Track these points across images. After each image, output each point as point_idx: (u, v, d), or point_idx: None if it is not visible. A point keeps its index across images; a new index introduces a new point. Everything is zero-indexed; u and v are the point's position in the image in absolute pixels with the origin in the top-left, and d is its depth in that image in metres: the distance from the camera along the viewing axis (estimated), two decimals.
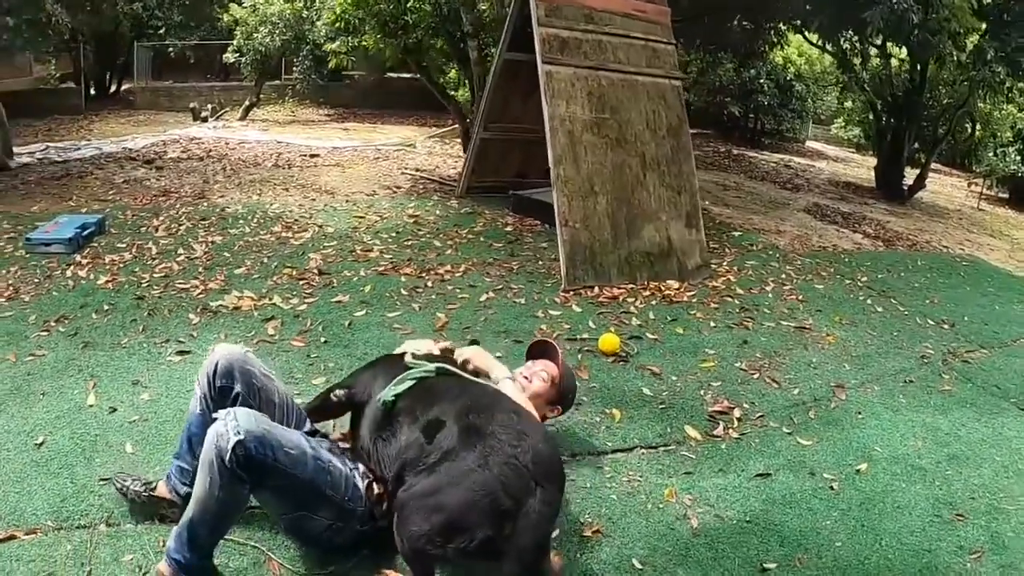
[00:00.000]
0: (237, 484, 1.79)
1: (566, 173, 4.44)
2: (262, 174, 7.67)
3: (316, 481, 1.88)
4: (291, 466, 1.82)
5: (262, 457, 1.76)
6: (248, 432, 1.74)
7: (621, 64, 4.74)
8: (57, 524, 2.19)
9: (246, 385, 2.08)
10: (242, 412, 1.81)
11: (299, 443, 1.87)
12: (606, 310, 4.07)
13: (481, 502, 1.75)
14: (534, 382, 2.52)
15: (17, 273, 4.23)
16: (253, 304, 3.90)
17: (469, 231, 5.53)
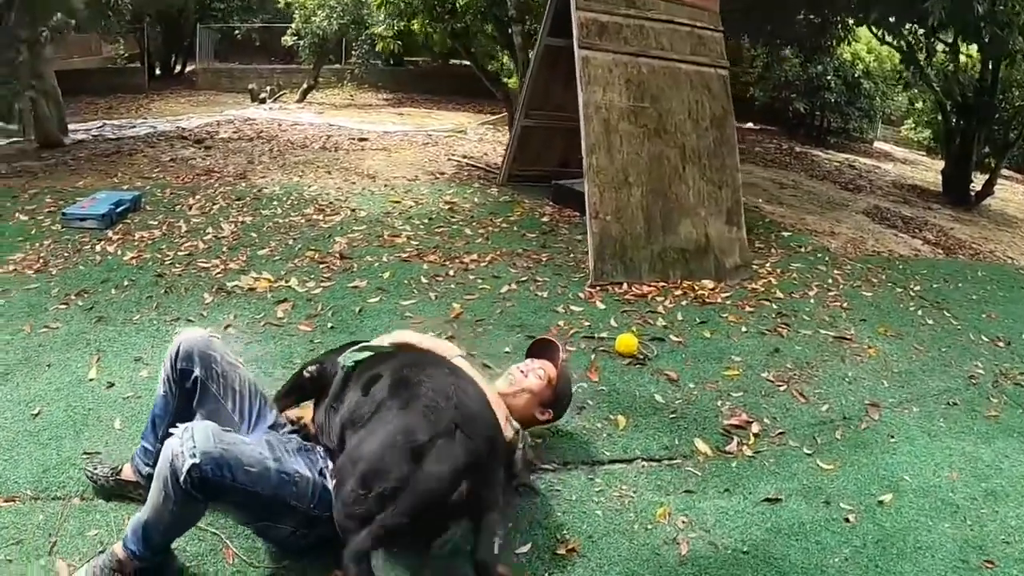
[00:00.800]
0: (192, 502, 1.71)
1: (599, 163, 4.24)
2: (307, 156, 7.68)
3: (279, 494, 1.79)
4: (251, 484, 1.72)
5: (219, 479, 1.67)
6: (204, 454, 1.64)
7: (663, 51, 4.50)
8: (35, 494, 2.21)
9: (205, 369, 2.01)
10: (200, 430, 1.71)
11: (261, 458, 1.77)
12: (631, 308, 3.86)
13: (396, 441, 1.71)
14: (529, 377, 2.40)
15: (50, 246, 4.30)
16: (269, 286, 3.86)
17: (504, 220, 5.38)
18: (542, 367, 2.44)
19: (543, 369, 2.43)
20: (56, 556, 1.97)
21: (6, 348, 3.13)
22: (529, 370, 2.43)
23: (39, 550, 2.00)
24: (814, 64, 11.31)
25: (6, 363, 3.02)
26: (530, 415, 2.37)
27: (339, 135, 9.38)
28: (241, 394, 2.04)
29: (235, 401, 2.01)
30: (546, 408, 2.40)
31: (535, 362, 2.47)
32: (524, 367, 2.45)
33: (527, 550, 2.02)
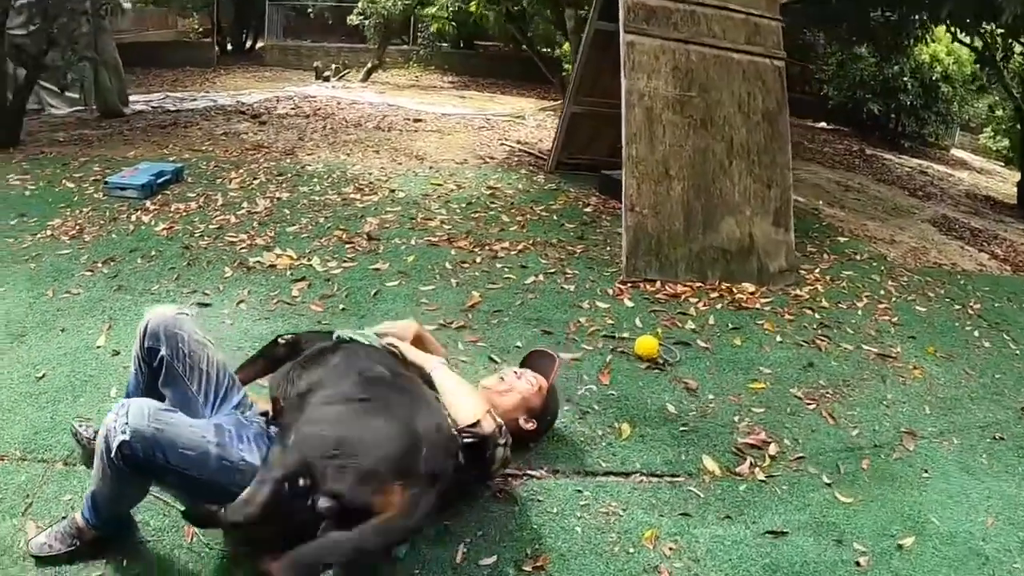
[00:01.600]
0: (127, 478, 1.70)
1: (639, 153, 4.02)
2: (359, 135, 7.68)
3: (220, 480, 1.73)
4: (187, 467, 1.69)
5: (150, 458, 1.64)
6: (135, 432, 1.62)
7: (715, 38, 4.23)
8: (23, 455, 2.23)
9: (171, 349, 1.95)
10: (136, 407, 1.68)
11: (200, 442, 1.72)
12: (661, 308, 3.66)
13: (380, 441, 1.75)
14: (522, 380, 2.30)
15: (88, 213, 4.38)
16: (290, 263, 3.81)
17: (544, 208, 5.22)
18: (536, 376, 2.34)
19: (536, 378, 2.34)
20: (28, 517, 1.98)
21: (27, 310, 3.19)
22: (522, 373, 2.34)
23: (14, 509, 2.01)
24: (890, 64, 10.65)
25: (23, 325, 3.07)
26: (514, 421, 2.24)
27: (395, 115, 9.36)
28: (207, 374, 1.98)
29: (200, 381, 1.96)
30: (531, 418, 2.27)
31: (529, 372, 2.37)
32: (519, 371, 2.37)
33: (491, 562, 1.89)
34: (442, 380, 2.02)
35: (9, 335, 2.99)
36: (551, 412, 2.38)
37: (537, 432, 2.32)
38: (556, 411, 2.43)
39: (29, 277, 3.49)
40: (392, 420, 1.78)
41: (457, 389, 1.99)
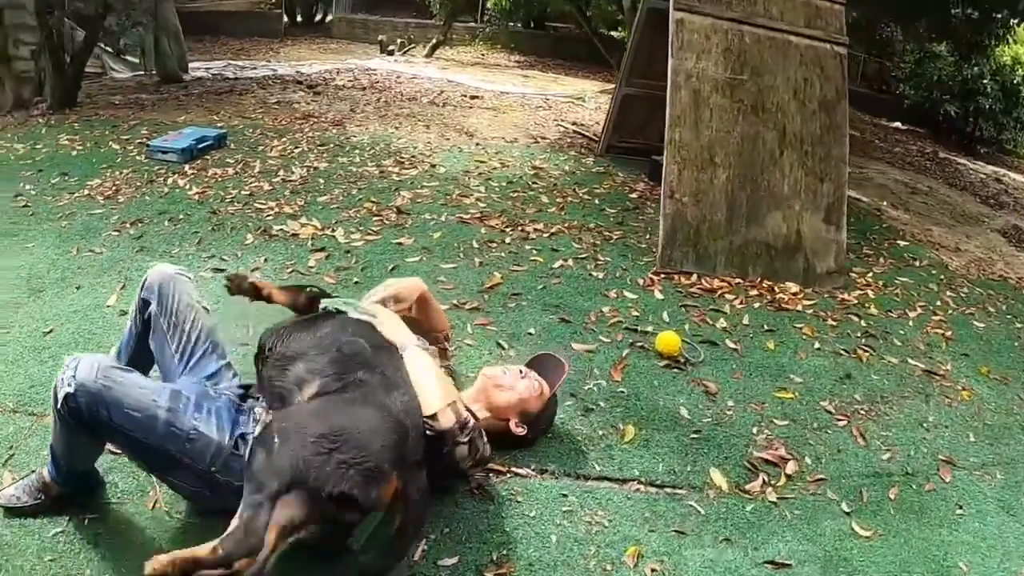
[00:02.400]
0: (73, 431, 1.71)
1: (682, 137, 3.78)
2: (412, 109, 7.58)
3: (167, 447, 1.69)
4: (131, 429, 1.66)
5: (94, 414, 1.64)
6: (81, 386, 1.62)
7: (772, 19, 3.92)
8: (15, 407, 2.26)
9: (160, 306, 1.99)
10: (86, 361, 1.67)
11: (149, 405, 1.67)
12: (693, 303, 3.43)
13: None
14: (525, 380, 2.16)
15: (127, 175, 4.42)
16: (313, 233, 3.75)
17: (588, 191, 5.01)
18: (540, 380, 2.20)
19: (540, 383, 2.19)
20: (7, 468, 2.01)
21: (49, 267, 3.23)
22: (527, 374, 2.19)
23: None
24: (969, 65, 9.97)
25: (43, 280, 3.11)
26: (505, 421, 2.12)
27: (453, 92, 9.23)
28: (188, 337, 1.98)
29: (180, 341, 1.97)
30: (524, 423, 2.14)
31: (535, 374, 2.22)
32: (524, 370, 2.21)
33: (451, 563, 1.77)
34: (410, 363, 1.88)
35: (29, 289, 3.03)
36: (546, 420, 2.24)
37: (525, 439, 2.17)
38: (551, 420, 2.28)
39: (59, 234, 3.54)
40: (377, 408, 1.68)
41: (423, 376, 1.85)
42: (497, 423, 2.13)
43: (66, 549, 1.83)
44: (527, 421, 2.15)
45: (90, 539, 1.86)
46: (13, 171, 4.32)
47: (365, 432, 1.59)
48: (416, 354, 1.91)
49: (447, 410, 1.79)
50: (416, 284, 2.38)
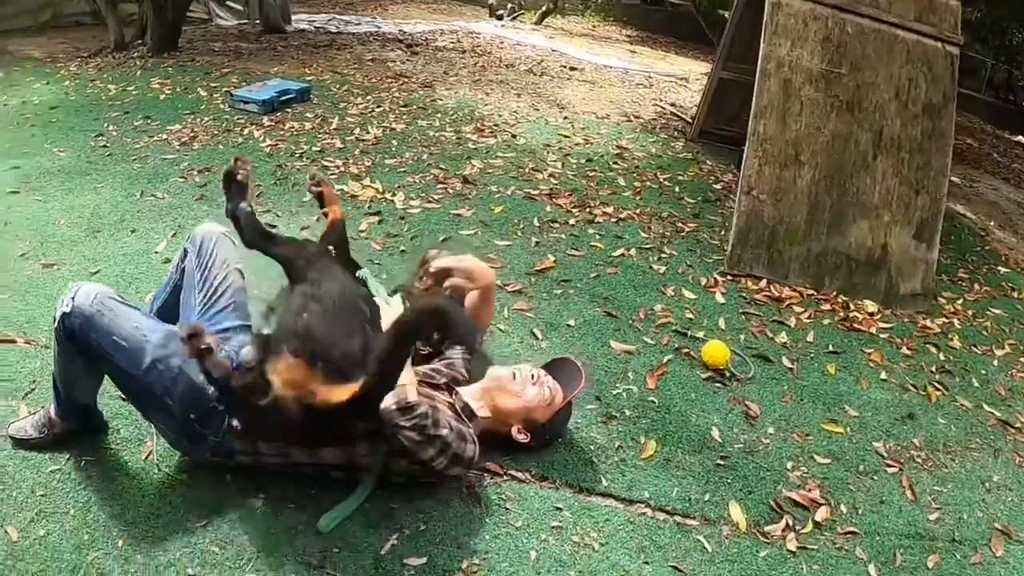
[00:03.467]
0: (70, 356, 1.79)
1: (767, 130, 3.46)
2: (507, 76, 7.41)
3: (151, 385, 1.73)
4: (118, 358, 1.72)
5: (86, 337, 1.71)
6: (77, 308, 1.70)
7: (879, 10, 3.50)
8: (48, 343, 2.33)
9: (198, 258, 2.05)
10: (88, 287, 1.76)
11: (138, 337, 1.72)
12: (756, 312, 3.16)
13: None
14: (536, 387, 2.02)
15: (206, 122, 4.50)
16: (372, 195, 3.70)
17: (670, 177, 4.72)
18: (554, 387, 2.04)
19: (553, 390, 2.04)
20: (25, 401, 2.11)
21: (111, 208, 3.32)
22: (541, 380, 2.04)
23: (17, 392, 2.14)
24: None
25: (101, 221, 3.21)
26: (507, 426, 1.99)
27: (553, 62, 8.97)
28: (215, 291, 2.01)
29: (205, 295, 2.00)
30: (528, 429, 2.00)
31: (551, 379, 2.07)
32: (537, 374, 2.06)
33: (417, 563, 1.68)
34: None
35: (87, 229, 3.13)
36: (553, 432, 2.09)
37: (527, 447, 2.03)
38: (561, 430, 2.13)
39: (128, 176, 3.64)
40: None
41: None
42: (499, 426, 2.01)
43: (58, 487, 1.89)
44: (531, 429, 2.02)
45: (81, 481, 1.91)
46: (101, 111, 4.49)
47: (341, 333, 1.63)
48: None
49: (390, 396, 1.65)
50: (490, 274, 2.29)
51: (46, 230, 3.05)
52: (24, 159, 3.71)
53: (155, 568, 1.70)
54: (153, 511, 1.83)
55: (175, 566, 1.70)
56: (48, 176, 3.55)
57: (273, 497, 1.88)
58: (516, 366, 2.10)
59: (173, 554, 1.73)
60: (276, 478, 1.90)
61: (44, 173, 3.58)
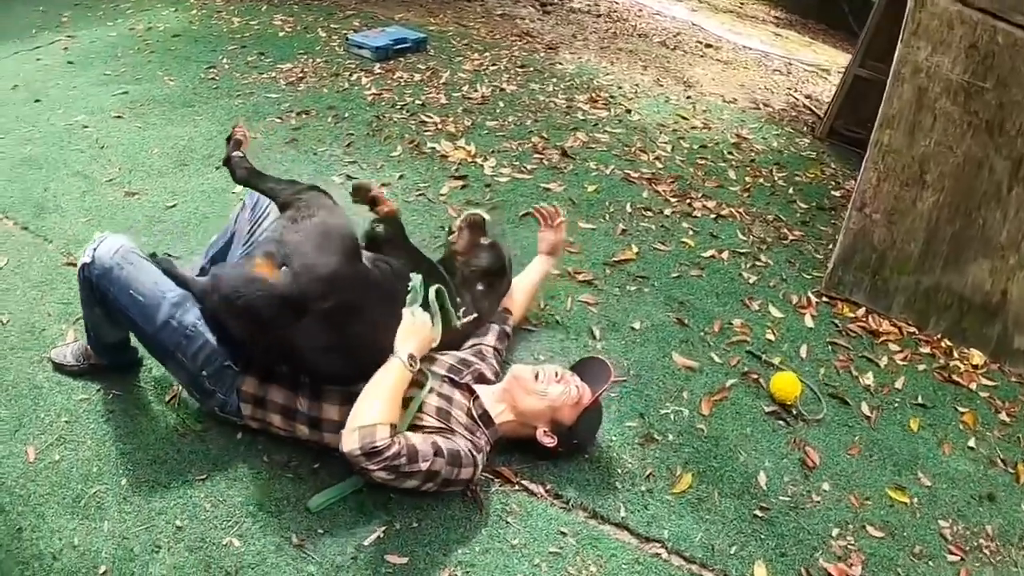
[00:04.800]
0: (90, 303, 1.82)
1: (891, 141, 3.03)
2: (637, 46, 7.04)
3: (164, 338, 1.76)
4: (134, 312, 1.75)
5: (104, 288, 1.74)
6: (97, 259, 1.73)
7: None
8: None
9: (252, 212, 2.10)
10: (112, 240, 1.77)
11: (155, 292, 1.75)
12: (846, 343, 2.80)
13: None
14: (560, 385, 1.87)
15: (317, 64, 4.50)
16: (463, 158, 3.59)
17: (786, 177, 4.31)
18: (580, 386, 1.89)
19: (581, 389, 1.89)
20: (75, 326, 2.21)
21: (204, 143, 3.39)
22: (566, 378, 1.90)
23: (70, 316, 2.26)
24: None
25: (191, 155, 3.28)
26: (531, 428, 1.86)
27: (690, 36, 8.43)
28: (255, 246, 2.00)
29: (248, 249, 1.98)
30: (553, 433, 1.86)
31: (576, 378, 1.92)
32: (562, 372, 1.93)
33: (398, 563, 1.61)
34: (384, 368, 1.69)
35: (176, 161, 3.22)
36: (581, 435, 1.93)
37: (554, 451, 1.89)
38: (591, 435, 1.98)
39: (228, 111, 3.71)
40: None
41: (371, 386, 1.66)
42: (523, 428, 1.88)
43: (82, 416, 1.96)
44: (559, 432, 1.88)
45: (104, 414, 1.97)
46: (220, 43, 4.58)
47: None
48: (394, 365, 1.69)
49: (352, 434, 1.56)
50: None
51: (137, 158, 3.17)
52: (135, 85, 3.86)
53: (148, 513, 1.73)
54: (161, 456, 1.87)
55: (166, 514, 1.73)
56: (153, 104, 3.68)
57: (276, 463, 1.87)
58: (540, 365, 1.96)
59: (168, 502, 1.76)
60: (284, 443, 1.88)
61: (150, 100, 3.71)
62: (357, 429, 1.56)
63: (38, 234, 2.62)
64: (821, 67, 8.40)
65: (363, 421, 1.57)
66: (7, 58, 4.12)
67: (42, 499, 1.75)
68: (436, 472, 1.63)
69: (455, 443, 1.69)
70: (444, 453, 1.64)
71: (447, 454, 1.65)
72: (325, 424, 1.75)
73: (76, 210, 2.77)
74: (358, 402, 1.62)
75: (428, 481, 1.64)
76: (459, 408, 1.79)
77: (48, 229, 2.65)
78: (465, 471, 1.67)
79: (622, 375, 2.32)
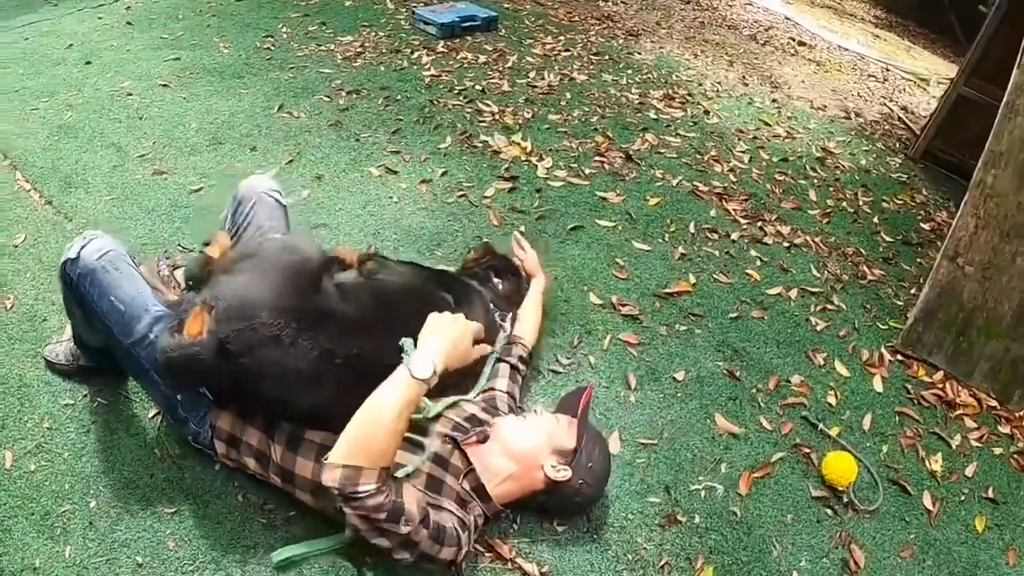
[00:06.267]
0: (68, 301, 1.74)
1: (995, 183, 2.60)
2: (725, 39, 6.54)
3: (139, 355, 1.62)
4: (112, 320, 1.62)
5: (83, 290, 1.62)
6: (81, 260, 1.61)
7: None
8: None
9: (232, 220, 1.97)
10: (99, 241, 1.64)
11: (137, 304, 1.61)
12: (915, 414, 2.43)
13: None
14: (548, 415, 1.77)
15: (378, 38, 4.28)
16: (516, 155, 3.33)
17: (872, 202, 3.84)
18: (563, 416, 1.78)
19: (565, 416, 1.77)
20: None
21: (244, 119, 3.25)
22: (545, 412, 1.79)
23: None
24: None
25: (229, 132, 3.15)
26: (539, 469, 1.66)
27: (783, 31, 7.80)
28: None
29: None
30: (565, 464, 1.66)
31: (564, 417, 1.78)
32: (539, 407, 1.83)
33: None
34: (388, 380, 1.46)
35: (212, 138, 3.08)
36: (597, 459, 1.71)
37: (570, 484, 1.66)
38: (606, 466, 1.76)
39: (276, 86, 3.55)
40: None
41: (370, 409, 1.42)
42: (528, 484, 1.66)
43: (64, 424, 1.87)
44: (567, 461, 1.66)
45: (85, 424, 1.88)
46: (282, 10, 4.42)
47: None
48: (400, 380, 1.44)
49: (336, 470, 1.35)
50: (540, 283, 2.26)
51: (174, 132, 3.05)
52: (188, 51, 3.74)
53: (111, 543, 1.63)
54: (134, 479, 1.75)
55: (129, 548, 1.62)
56: (202, 73, 3.55)
57: (251, 504, 1.72)
58: (519, 416, 1.81)
59: (132, 534, 1.65)
60: (263, 482, 1.71)
61: (200, 69, 3.58)
62: (341, 467, 1.36)
63: (60, 210, 2.54)
64: (920, 76, 7.64)
65: (350, 458, 1.36)
66: (69, 15, 4.08)
67: (12, 511, 1.67)
68: (414, 543, 1.42)
69: (442, 517, 1.49)
70: (430, 524, 1.44)
71: (432, 526, 1.45)
72: (298, 480, 1.57)
73: (102, 186, 2.67)
74: (351, 423, 1.40)
75: (403, 549, 1.43)
76: (454, 475, 1.58)
77: (71, 206, 2.56)
78: (447, 551, 1.46)
79: (653, 438, 2.07)
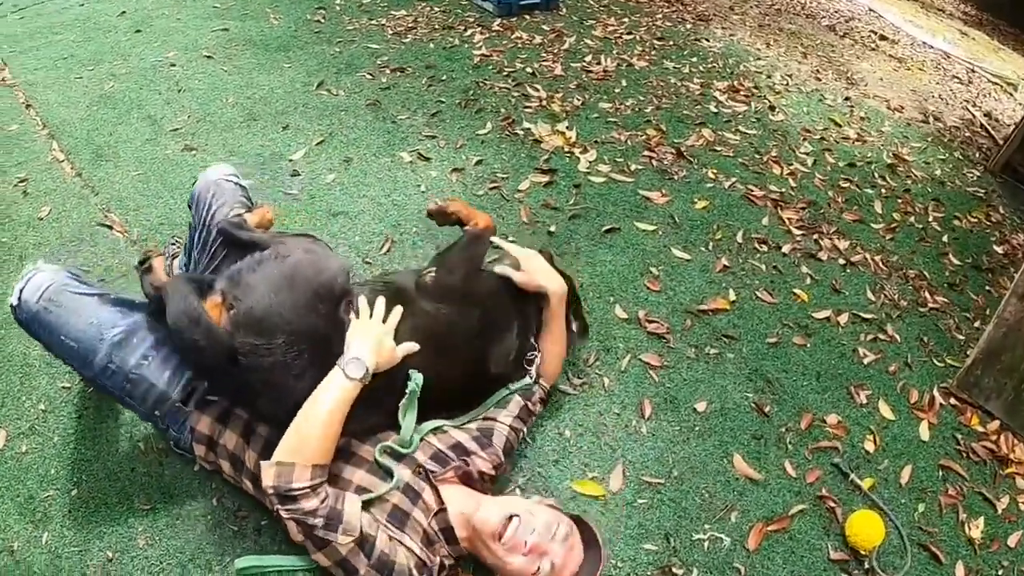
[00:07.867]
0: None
1: None
2: (802, 28, 6.11)
3: (106, 384, 1.57)
4: (69, 357, 1.57)
5: (35, 331, 1.57)
6: (24, 303, 1.54)
7: None
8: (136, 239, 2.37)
9: (196, 218, 1.83)
10: (38, 279, 1.56)
11: (89, 336, 1.53)
12: (962, 469, 2.19)
13: None
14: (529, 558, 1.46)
15: (432, 13, 4.17)
16: (557, 146, 3.16)
17: (942, 218, 3.48)
18: (557, 563, 1.46)
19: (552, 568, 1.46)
20: None
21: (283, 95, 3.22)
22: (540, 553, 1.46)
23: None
24: None
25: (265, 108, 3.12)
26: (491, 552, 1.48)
27: (864, 23, 7.24)
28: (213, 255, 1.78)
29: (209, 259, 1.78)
30: None
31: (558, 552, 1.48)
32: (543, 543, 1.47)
33: None
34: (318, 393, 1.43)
35: (247, 114, 3.05)
36: None
37: None
38: None
39: (320, 61, 3.49)
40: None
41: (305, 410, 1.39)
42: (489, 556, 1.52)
43: (57, 408, 1.89)
44: None
45: (78, 410, 1.90)
46: None
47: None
48: (335, 381, 1.42)
49: (271, 468, 1.32)
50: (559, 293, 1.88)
51: (210, 107, 3.02)
52: (238, 21, 3.71)
53: (87, 535, 1.64)
54: (116, 471, 1.75)
55: (102, 541, 1.63)
56: (248, 45, 3.52)
57: (225, 509, 1.69)
58: (528, 506, 1.53)
59: (107, 527, 1.66)
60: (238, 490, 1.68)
61: (246, 41, 3.55)
62: (275, 464, 1.33)
63: (88, 184, 2.55)
64: (1008, 80, 6.96)
65: (283, 456, 1.34)
66: None
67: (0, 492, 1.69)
68: (353, 569, 1.34)
69: (394, 550, 1.38)
70: (372, 553, 1.34)
71: (375, 555, 1.34)
72: None
73: (131, 160, 2.67)
74: (288, 428, 1.39)
75: (339, 568, 1.35)
76: (422, 511, 1.47)
77: (99, 180, 2.57)
78: (364, 562, 1.35)
79: (661, 476, 1.92)
